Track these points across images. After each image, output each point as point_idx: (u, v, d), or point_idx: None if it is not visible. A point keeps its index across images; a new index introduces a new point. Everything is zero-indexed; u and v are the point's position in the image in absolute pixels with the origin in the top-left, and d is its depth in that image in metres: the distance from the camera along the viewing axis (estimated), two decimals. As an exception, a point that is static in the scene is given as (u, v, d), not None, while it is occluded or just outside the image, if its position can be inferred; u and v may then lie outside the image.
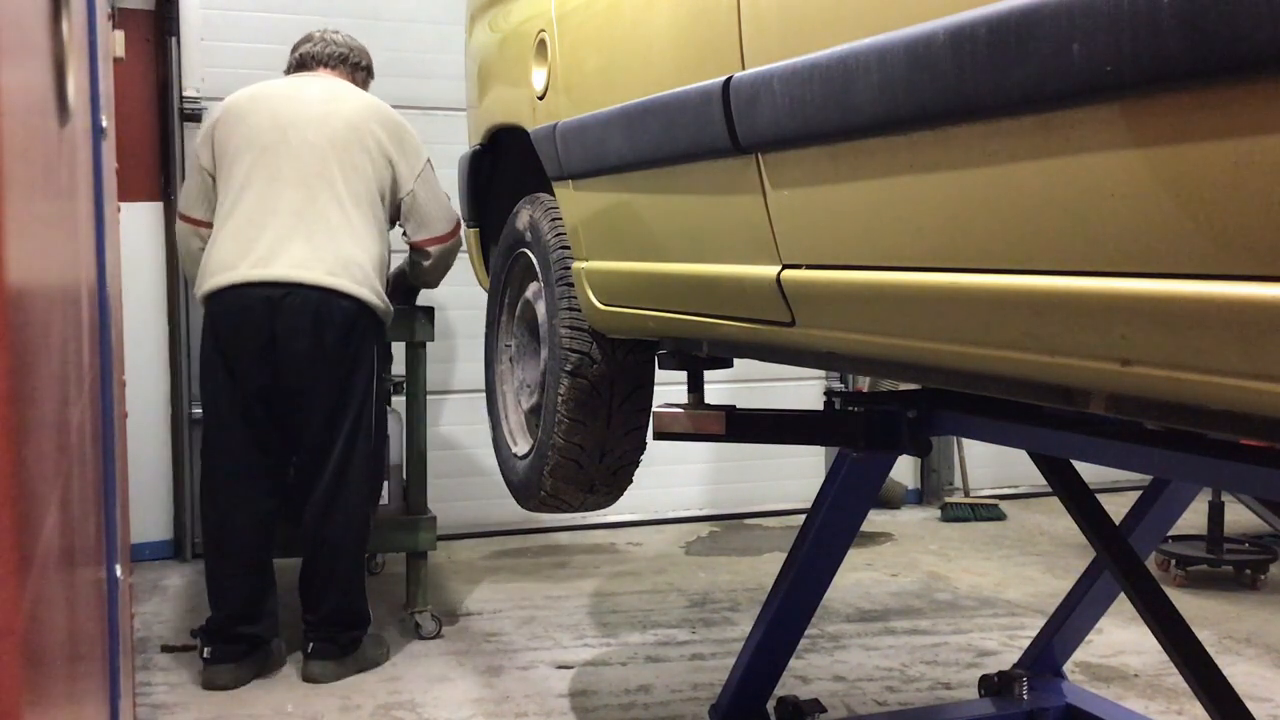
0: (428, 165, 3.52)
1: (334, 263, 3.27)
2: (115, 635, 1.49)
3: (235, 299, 3.26)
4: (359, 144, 3.38)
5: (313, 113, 3.39)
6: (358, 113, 3.43)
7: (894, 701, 3.31)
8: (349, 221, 3.32)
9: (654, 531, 5.32)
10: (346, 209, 3.32)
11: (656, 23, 1.92)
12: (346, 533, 3.41)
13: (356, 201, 3.34)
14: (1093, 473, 2.29)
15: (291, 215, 3.28)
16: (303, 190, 3.30)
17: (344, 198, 3.32)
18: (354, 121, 3.40)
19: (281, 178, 3.31)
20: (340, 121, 3.39)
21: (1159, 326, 1.07)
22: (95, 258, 1.42)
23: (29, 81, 0.64)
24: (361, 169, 3.37)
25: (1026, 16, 1.10)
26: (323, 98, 3.45)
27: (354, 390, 3.35)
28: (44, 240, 0.70)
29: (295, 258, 3.25)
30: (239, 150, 3.35)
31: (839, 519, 2.50)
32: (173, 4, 4.67)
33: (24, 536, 0.54)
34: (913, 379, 1.71)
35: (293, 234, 3.27)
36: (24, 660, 0.52)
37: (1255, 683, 3.40)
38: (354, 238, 3.32)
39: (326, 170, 3.32)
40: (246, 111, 3.40)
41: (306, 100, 3.42)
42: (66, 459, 0.85)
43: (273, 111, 3.38)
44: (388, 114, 3.50)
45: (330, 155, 3.33)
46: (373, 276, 3.34)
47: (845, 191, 1.49)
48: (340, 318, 3.28)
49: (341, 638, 3.43)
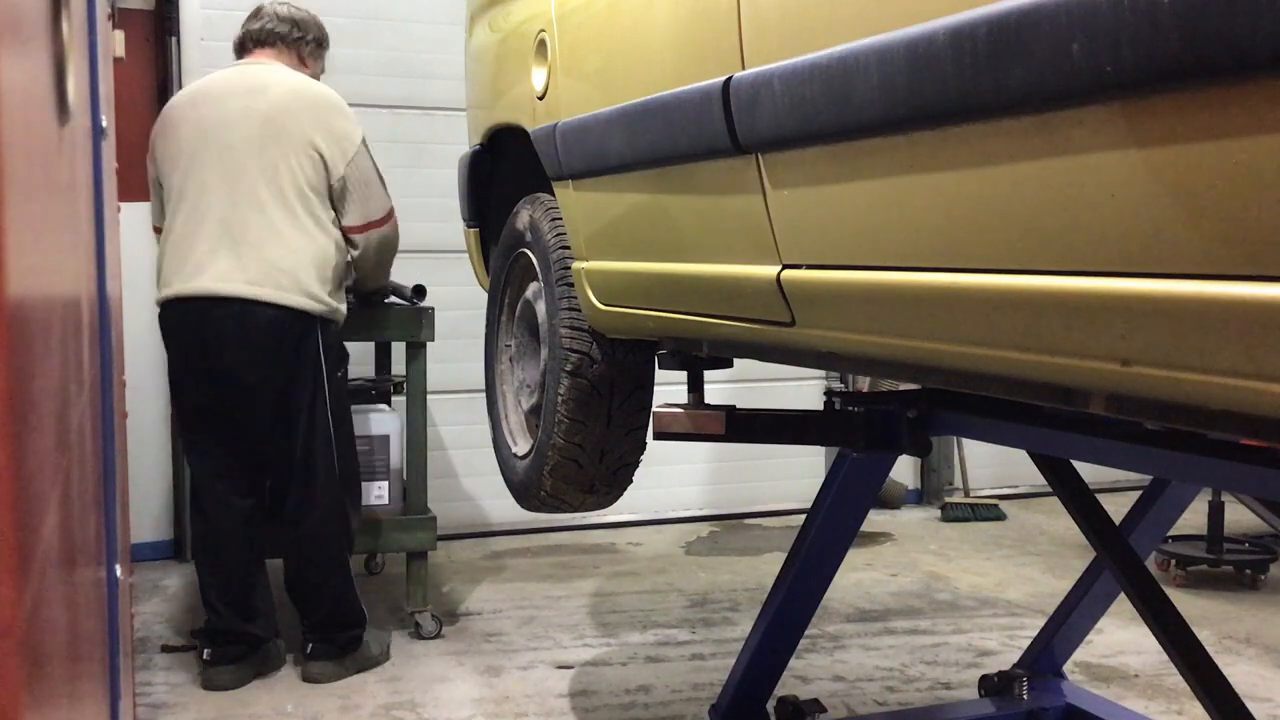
0: (360, 148, 3.36)
1: (256, 272, 3.18)
2: (115, 635, 1.49)
3: (172, 313, 3.28)
4: (278, 138, 3.24)
5: (233, 113, 3.27)
6: (277, 104, 3.28)
7: (894, 701, 3.31)
8: (273, 224, 3.21)
9: (654, 531, 5.32)
10: (270, 212, 3.21)
11: (656, 23, 1.92)
12: (322, 536, 3.38)
13: (283, 201, 3.23)
14: (1093, 473, 2.29)
15: (218, 225, 3.21)
16: (227, 197, 3.21)
17: (267, 200, 3.21)
18: (272, 115, 3.26)
19: (208, 186, 3.23)
20: (258, 119, 3.25)
21: (1159, 326, 1.07)
22: (95, 258, 1.42)
23: (29, 81, 0.64)
24: (284, 165, 3.23)
25: (1026, 16, 1.10)
26: (245, 93, 3.31)
27: (299, 396, 3.27)
28: (44, 240, 0.70)
29: (219, 270, 3.19)
30: (173, 160, 3.31)
31: (839, 519, 2.50)
32: (173, 4, 4.67)
33: (24, 536, 0.54)
34: (913, 379, 1.71)
35: (219, 245, 3.20)
36: (24, 660, 0.52)
37: (1255, 683, 3.40)
38: (280, 241, 3.21)
39: (247, 173, 3.22)
40: (177, 120, 3.34)
41: (229, 98, 3.30)
42: (66, 459, 0.85)
43: (198, 117, 3.30)
44: (313, 97, 3.35)
45: (250, 157, 3.22)
46: (305, 279, 3.22)
47: (845, 191, 1.49)
48: (265, 328, 3.19)
49: (339, 637, 3.42)
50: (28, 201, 0.61)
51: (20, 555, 0.52)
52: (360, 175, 3.34)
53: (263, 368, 3.23)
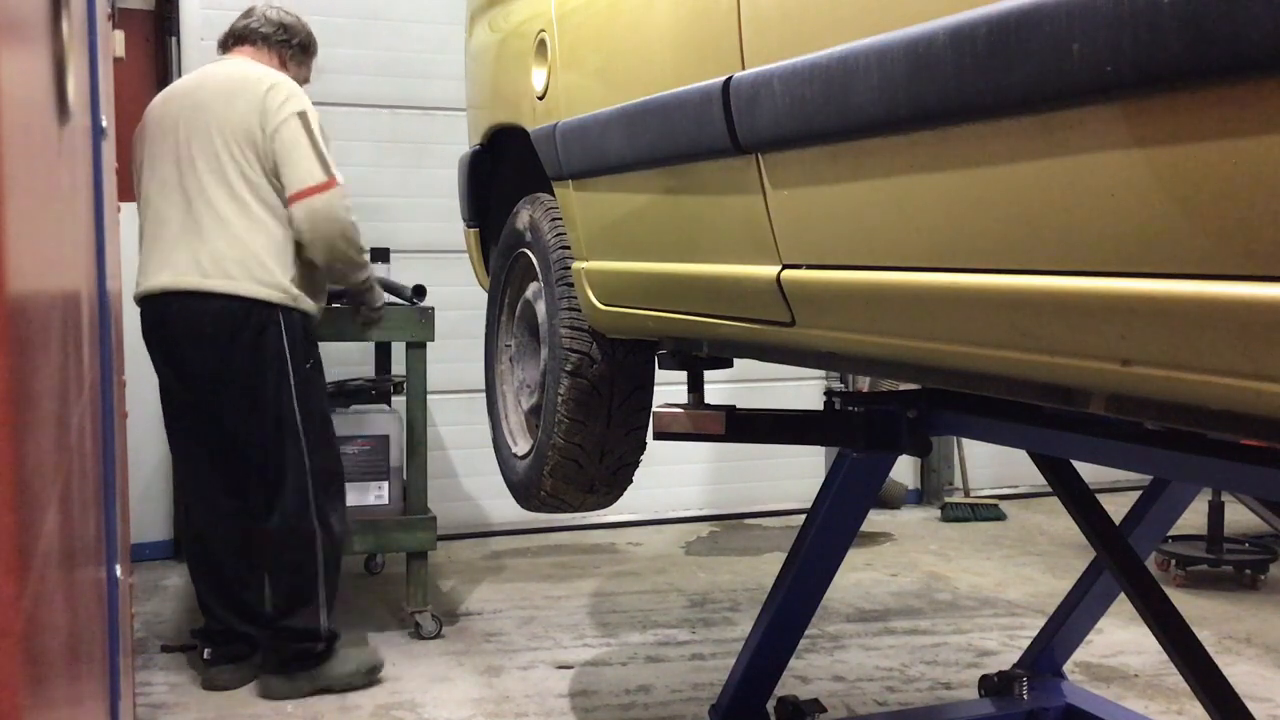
0: (291, 119, 3.18)
1: (208, 264, 3.13)
2: (115, 635, 1.49)
3: (143, 312, 3.26)
4: (220, 129, 3.17)
5: (185, 109, 3.24)
6: (218, 94, 3.22)
7: (894, 701, 3.31)
8: (222, 216, 3.14)
9: (654, 531, 5.32)
10: (220, 204, 3.14)
11: (656, 23, 1.92)
12: (285, 539, 3.24)
13: (230, 191, 3.15)
14: (1093, 473, 2.29)
15: (177, 222, 3.18)
16: (182, 193, 3.18)
17: (215, 192, 3.15)
18: (212, 105, 3.20)
19: (167, 184, 3.21)
20: (205, 112, 3.20)
21: (1159, 326, 1.07)
22: (95, 258, 1.42)
23: (29, 81, 0.64)
24: (226, 154, 3.16)
25: (1026, 16, 1.10)
26: (197, 88, 3.29)
27: (263, 390, 3.18)
28: (44, 240, 0.70)
29: (176, 266, 3.16)
30: (143, 162, 3.30)
31: (839, 519, 2.50)
32: (173, 4, 4.67)
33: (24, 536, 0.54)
34: (913, 379, 1.71)
35: (178, 241, 3.17)
36: (24, 660, 0.52)
37: (1255, 683, 3.40)
38: (230, 231, 3.14)
39: (196, 167, 3.17)
40: (148, 121, 3.32)
41: (185, 95, 3.28)
42: (66, 459, 0.85)
43: (161, 116, 3.28)
44: (252, 81, 3.23)
45: (197, 150, 3.18)
46: (258, 267, 3.14)
47: (845, 191, 1.49)
48: (218, 319, 3.13)
49: (289, 649, 3.27)
50: (28, 201, 0.61)
51: (20, 555, 0.52)
52: (287, 142, 3.16)
53: (221, 361, 3.16)
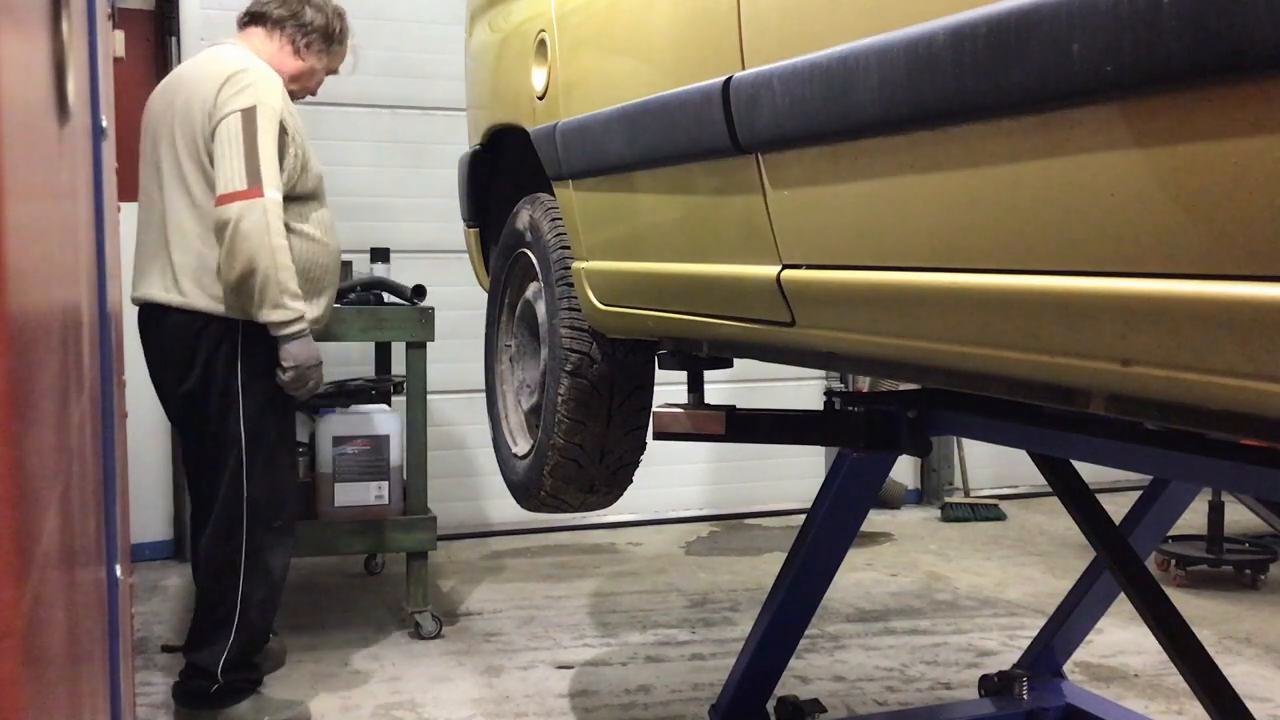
0: (237, 114, 2.90)
1: (167, 273, 2.98)
2: (115, 635, 1.49)
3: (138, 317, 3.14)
4: (182, 126, 2.97)
5: (160, 107, 3.08)
6: (185, 87, 3.02)
7: (894, 701, 3.31)
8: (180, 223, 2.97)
9: (654, 531, 5.32)
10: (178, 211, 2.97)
11: (656, 23, 1.92)
12: (205, 572, 3.06)
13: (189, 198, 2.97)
14: (1093, 473, 2.29)
15: (150, 227, 3.06)
16: (155, 198, 3.04)
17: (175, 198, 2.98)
18: (178, 102, 3.01)
19: (146, 188, 3.09)
20: (171, 110, 3.02)
21: (1159, 326, 1.07)
22: (95, 258, 1.42)
23: (29, 81, 0.64)
24: (186, 157, 2.97)
25: (1026, 16, 1.10)
26: (172, 83, 3.12)
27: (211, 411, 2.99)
28: (44, 240, 0.70)
29: (143, 274, 3.06)
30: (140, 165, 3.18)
31: (839, 519, 2.50)
32: (173, 4, 4.67)
33: (24, 536, 0.54)
34: (913, 379, 1.71)
35: (147, 247, 3.06)
36: (24, 660, 0.52)
37: (1255, 683, 3.40)
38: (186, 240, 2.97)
39: (162, 170, 3.01)
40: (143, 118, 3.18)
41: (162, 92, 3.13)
42: (66, 459, 0.85)
43: (147, 113, 3.15)
44: (218, 71, 2.98)
45: (164, 151, 3.01)
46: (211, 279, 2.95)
47: (845, 191, 1.49)
48: (173, 333, 2.99)
49: (188, 683, 3.08)
50: (28, 202, 0.61)
51: (20, 555, 0.52)
52: (220, 140, 2.89)
53: (178, 377, 3.02)
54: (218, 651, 3.01)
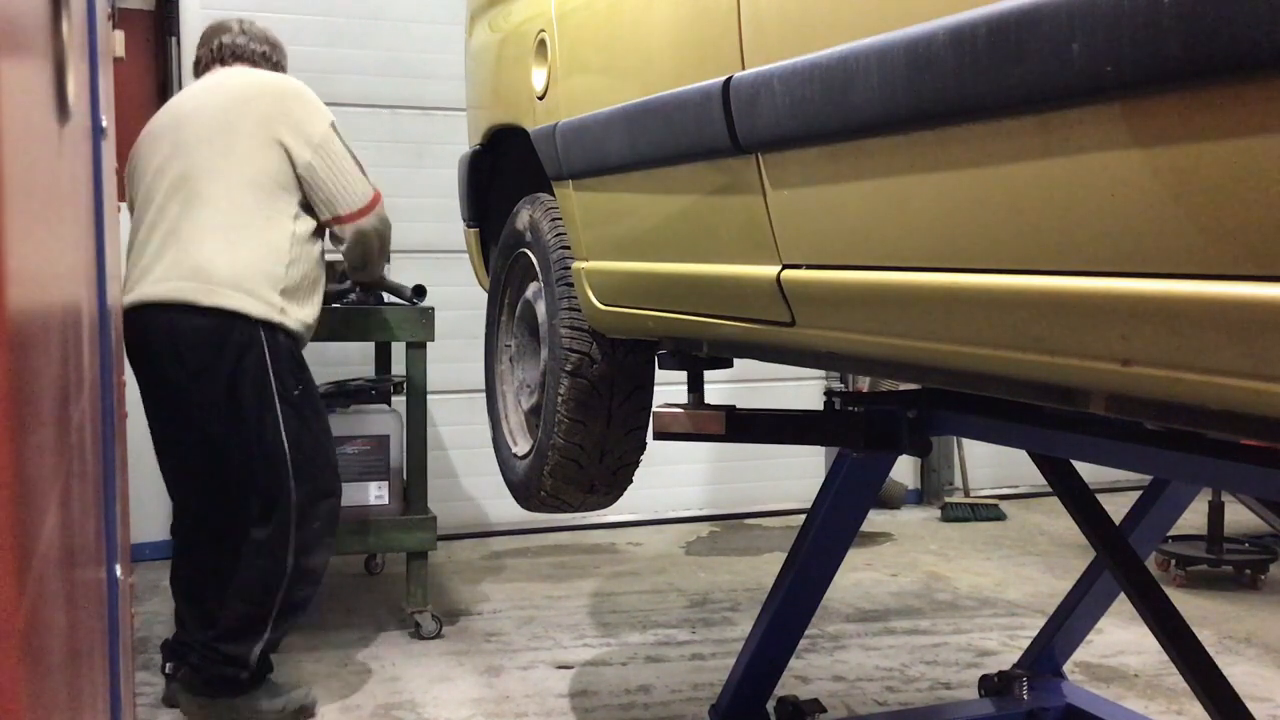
0: (328, 133, 3.10)
1: (190, 272, 2.94)
2: (115, 635, 1.49)
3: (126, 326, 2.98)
4: (233, 130, 3.02)
5: (187, 113, 3.10)
6: (234, 96, 3.08)
7: (894, 701, 3.31)
8: (217, 222, 2.97)
9: (654, 531, 5.32)
10: (217, 209, 2.97)
11: (656, 23, 1.92)
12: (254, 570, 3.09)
13: (232, 196, 2.98)
14: (1093, 473, 2.29)
15: (165, 227, 3.00)
16: (178, 197, 3.00)
17: (215, 196, 2.97)
18: (227, 107, 3.06)
19: (161, 188, 3.03)
20: (211, 113, 3.06)
21: (1159, 326, 1.07)
22: (95, 257, 1.42)
23: (29, 81, 0.64)
24: (236, 158, 3.00)
25: (1026, 16, 1.10)
26: (202, 92, 3.16)
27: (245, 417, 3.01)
28: (44, 240, 0.70)
29: (157, 274, 2.97)
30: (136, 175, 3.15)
31: (839, 519, 2.50)
32: (173, 4, 4.67)
33: (24, 536, 0.54)
34: (913, 379, 1.71)
35: (163, 248, 2.98)
36: (24, 660, 0.52)
37: (1255, 683, 3.40)
38: (222, 239, 2.96)
39: (197, 169, 3.00)
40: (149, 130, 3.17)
41: (194, 100, 3.15)
42: (66, 459, 0.85)
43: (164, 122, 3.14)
44: (273, 85, 3.12)
45: (202, 152, 3.00)
46: (247, 279, 2.96)
47: (845, 191, 1.49)
48: (196, 334, 2.94)
49: (209, 670, 3.08)
50: (28, 201, 0.61)
51: (20, 555, 0.52)
52: (331, 163, 3.09)
53: (201, 381, 2.98)
54: (254, 643, 3.07)
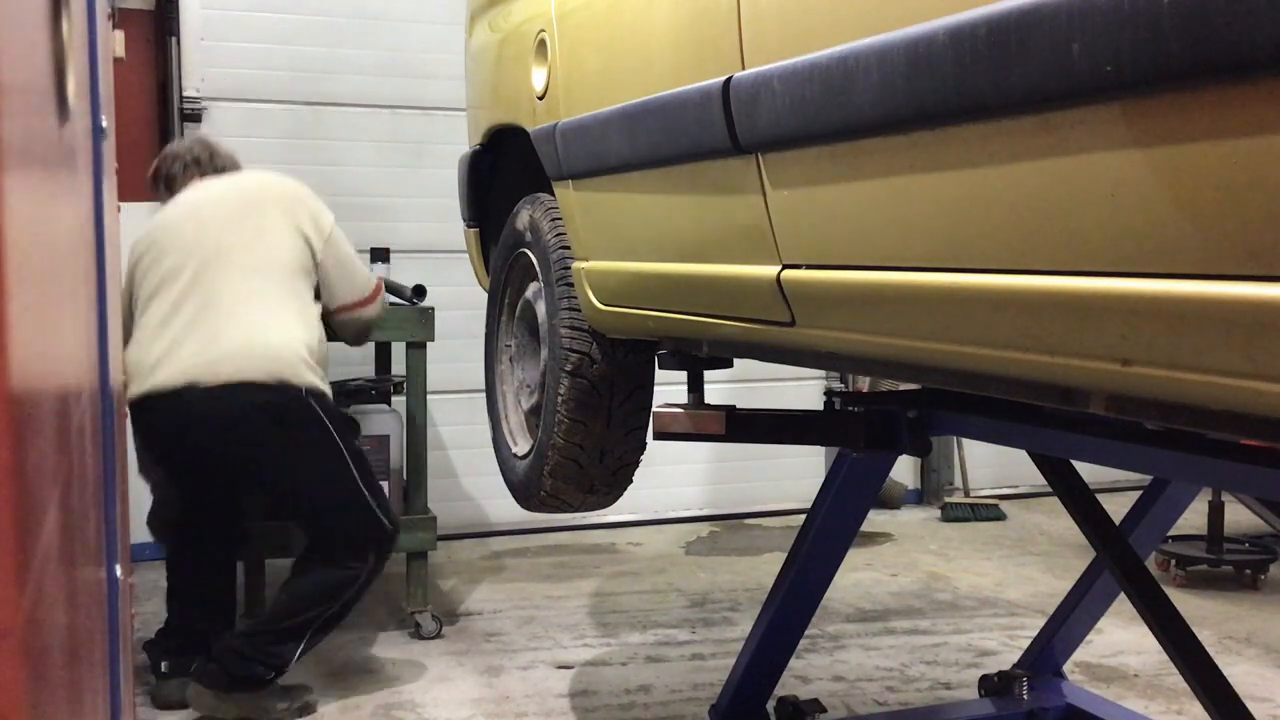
0: (335, 229, 3.36)
1: (244, 350, 3.09)
2: (115, 635, 1.49)
3: (150, 409, 3.11)
4: (257, 219, 3.25)
5: (205, 204, 3.28)
6: (251, 189, 3.34)
7: (894, 701, 3.31)
8: (263, 300, 3.16)
9: (654, 531, 5.32)
10: (259, 288, 3.16)
11: (656, 23, 1.92)
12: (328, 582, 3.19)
13: (265, 280, 3.18)
14: (1093, 473, 2.29)
15: (196, 311, 3.12)
16: (204, 281, 3.14)
17: (250, 280, 3.16)
18: (248, 199, 3.30)
19: (180, 281, 3.16)
20: (233, 203, 3.28)
21: (1159, 326, 1.07)
22: (95, 257, 1.42)
23: (29, 81, 0.64)
24: (264, 245, 3.22)
25: (1026, 16, 1.10)
26: (217, 189, 3.36)
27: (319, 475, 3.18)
28: (44, 240, 0.70)
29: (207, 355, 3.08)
30: (143, 269, 3.24)
31: (839, 519, 2.51)
32: (173, 4, 4.67)
33: (24, 536, 0.54)
34: (913, 379, 1.71)
35: (197, 330, 3.11)
36: (24, 660, 0.52)
37: (1255, 683, 3.39)
38: (268, 321, 3.14)
39: (225, 255, 3.17)
40: (157, 231, 3.28)
41: (193, 197, 3.32)
42: (66, 459, 0.85)
43: (175, 221, 3.26)
44: (285, 183, 3.39)
45: (227, 239, 3.19)
46: (301, 352, 3.15)
47: (845, 191, 1.49)
48: (262, 409, 3.09)
49: (238, 666, 3.13)
50: (27, 201, 0.61)
51: (20, 555, 0.52)
52: (340, 256, 3.36)
53: (260, 450, 3.14)
54: (296, 646, 3.16)
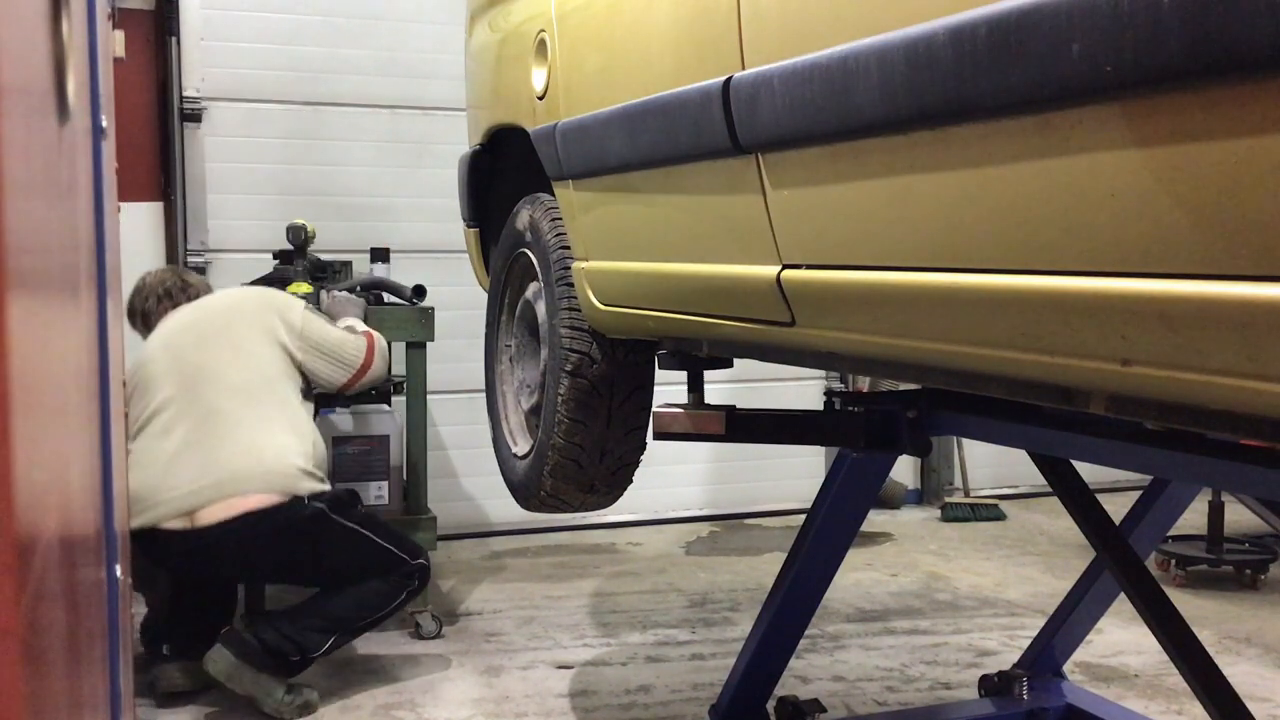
0: (304, 313, 3.40)
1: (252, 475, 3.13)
2: (115, 635, 1.49)
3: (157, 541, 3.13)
4: (228, 334, 3.30)
5: (178, 331, 3.34)
6: (220, 306, 3.41)
7: (894, 701, 3.31)
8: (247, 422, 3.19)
9: (654, 531, 5.32)
10: (242, 410, 3.20)
11: (656, 23, 1.92)
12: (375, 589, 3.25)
13: (249, 395, 3.23)
14: (1093, 473, 2.29)
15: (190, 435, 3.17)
16: (191, 405, 3.20)
17: (234, 398, 3.21)
18: (213, 317, 3.35)
19: (170, 400, 3.22)
20: (204, 325, 3.34)
21: (1159, 326, 1.07)
22: (95, 256, 1.42)
23: (29, 81, 0.64)
24: (241, 357, 3.26)
25: (1026, 16, 1.10)
26: (183, 314, 3.41)
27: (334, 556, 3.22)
28: (44, 240, 0.70)
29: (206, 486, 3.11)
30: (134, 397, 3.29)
31: (839, 519, 2.50)
32: (173, 4, 4.67)
33: (24, 536, 0.54)
34: (913, 379, 1.71)
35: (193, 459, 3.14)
36: (24, 660, 0.52)
37: (1255, 683, 3.39)
38: (261, 439, 3.18)
39: (205, 376, 3.22)
40: (143, 360, 3.34)
41: (182, 325, 3.37)
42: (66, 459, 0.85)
43: (158, 349, 3.33)
44: (249, 292, 3.49)
45: (210, 354, 3.26)
46: (291, 468, 3.18)
47: (845, 191, 1.49)
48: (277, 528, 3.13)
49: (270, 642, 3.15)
50: (27, 201, 0.61)
51: (20, 555, 0.52)
52: (320, 344, 3.39)
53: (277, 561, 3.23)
54: (329, 641, 3.21)
